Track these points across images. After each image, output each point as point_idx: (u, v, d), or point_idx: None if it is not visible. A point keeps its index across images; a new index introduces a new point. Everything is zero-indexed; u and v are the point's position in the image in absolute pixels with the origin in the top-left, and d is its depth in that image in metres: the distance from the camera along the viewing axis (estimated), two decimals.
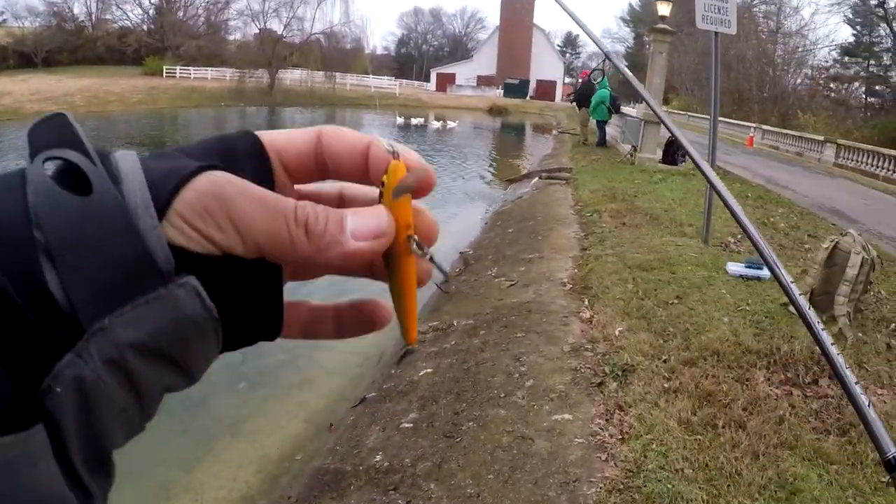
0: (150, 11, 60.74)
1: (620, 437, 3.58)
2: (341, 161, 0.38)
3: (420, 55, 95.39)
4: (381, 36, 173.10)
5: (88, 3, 58.80)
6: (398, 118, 38.19)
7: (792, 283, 0.64)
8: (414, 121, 37.16)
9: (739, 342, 4.63)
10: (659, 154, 15.14)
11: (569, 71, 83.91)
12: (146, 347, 0.29)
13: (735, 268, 6.37)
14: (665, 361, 4.38)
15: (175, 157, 0.33)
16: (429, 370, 5.01)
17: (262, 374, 5.63)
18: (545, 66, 75.54)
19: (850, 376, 0.57)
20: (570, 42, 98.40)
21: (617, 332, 4.92)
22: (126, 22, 61.19)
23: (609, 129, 19.66)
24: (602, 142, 19.27)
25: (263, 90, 49.73)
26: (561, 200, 11.54)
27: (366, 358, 6.03)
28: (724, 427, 3.58)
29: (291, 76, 54.38)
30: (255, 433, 4.94)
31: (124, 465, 0.32)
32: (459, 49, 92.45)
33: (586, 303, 5.71)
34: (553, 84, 75.09)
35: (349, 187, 0.41)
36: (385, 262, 0.38)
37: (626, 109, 19.44)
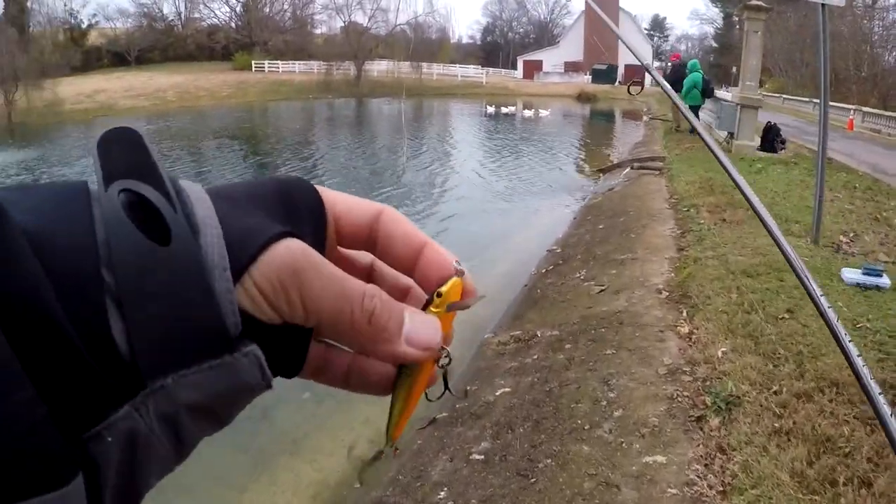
0: (238, 8, 62.67)
1: (721, 489, 3.04)
2: (393, 247, 0.38)
3: (506, 43, 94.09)
4: (466, 25, 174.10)
5: (177, 3, 61.69)
6: (488, 107, 37.69)
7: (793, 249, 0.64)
8: (504, 110, 36.71)
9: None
10: (757, 141, 14.15)
11: (657, 55, 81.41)
12: (201, 407, 0.28)
13: (851, 275, 5.57)
14: (776, 393, 3.74)
15: (244, 205, 0.32)
16: (507, 389, 4.60)
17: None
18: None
19: (870, 379, 0.58)
20: (657, 25, 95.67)
21: (720, 354, 4.32)
22: (214, 20, 63.78)
23: (703, 115, 18.62)
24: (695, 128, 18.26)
25: (350, 82, 50.49)
26: (654, 193, 10.81)
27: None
28: (845, 485, 2.94)
29: (378, 67, 54.91)
30: (315, 452, 4.62)
31: (176, 479, 0.31)
32: (545, 36, 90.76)
33: (685, 315, 5.13)
34: (642, 69, 72.91)
35: (380, 261, 0.41)
36: None
37: (720, 93, 18.38)
